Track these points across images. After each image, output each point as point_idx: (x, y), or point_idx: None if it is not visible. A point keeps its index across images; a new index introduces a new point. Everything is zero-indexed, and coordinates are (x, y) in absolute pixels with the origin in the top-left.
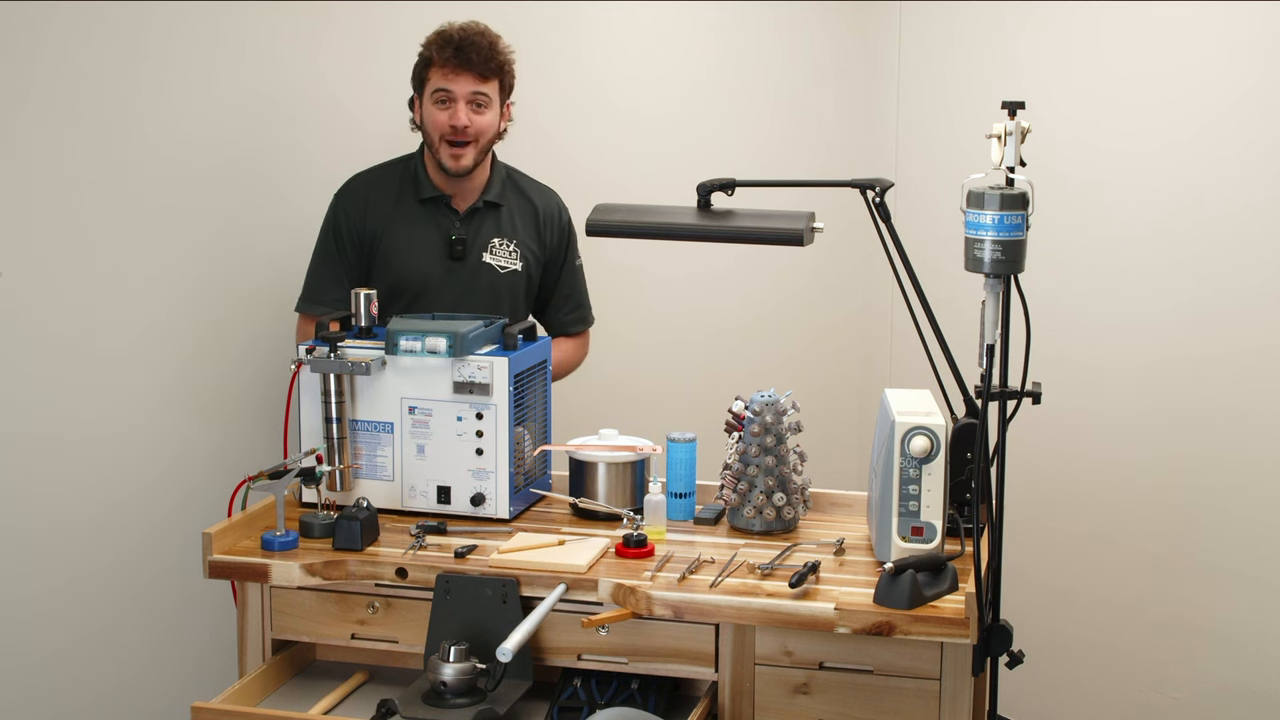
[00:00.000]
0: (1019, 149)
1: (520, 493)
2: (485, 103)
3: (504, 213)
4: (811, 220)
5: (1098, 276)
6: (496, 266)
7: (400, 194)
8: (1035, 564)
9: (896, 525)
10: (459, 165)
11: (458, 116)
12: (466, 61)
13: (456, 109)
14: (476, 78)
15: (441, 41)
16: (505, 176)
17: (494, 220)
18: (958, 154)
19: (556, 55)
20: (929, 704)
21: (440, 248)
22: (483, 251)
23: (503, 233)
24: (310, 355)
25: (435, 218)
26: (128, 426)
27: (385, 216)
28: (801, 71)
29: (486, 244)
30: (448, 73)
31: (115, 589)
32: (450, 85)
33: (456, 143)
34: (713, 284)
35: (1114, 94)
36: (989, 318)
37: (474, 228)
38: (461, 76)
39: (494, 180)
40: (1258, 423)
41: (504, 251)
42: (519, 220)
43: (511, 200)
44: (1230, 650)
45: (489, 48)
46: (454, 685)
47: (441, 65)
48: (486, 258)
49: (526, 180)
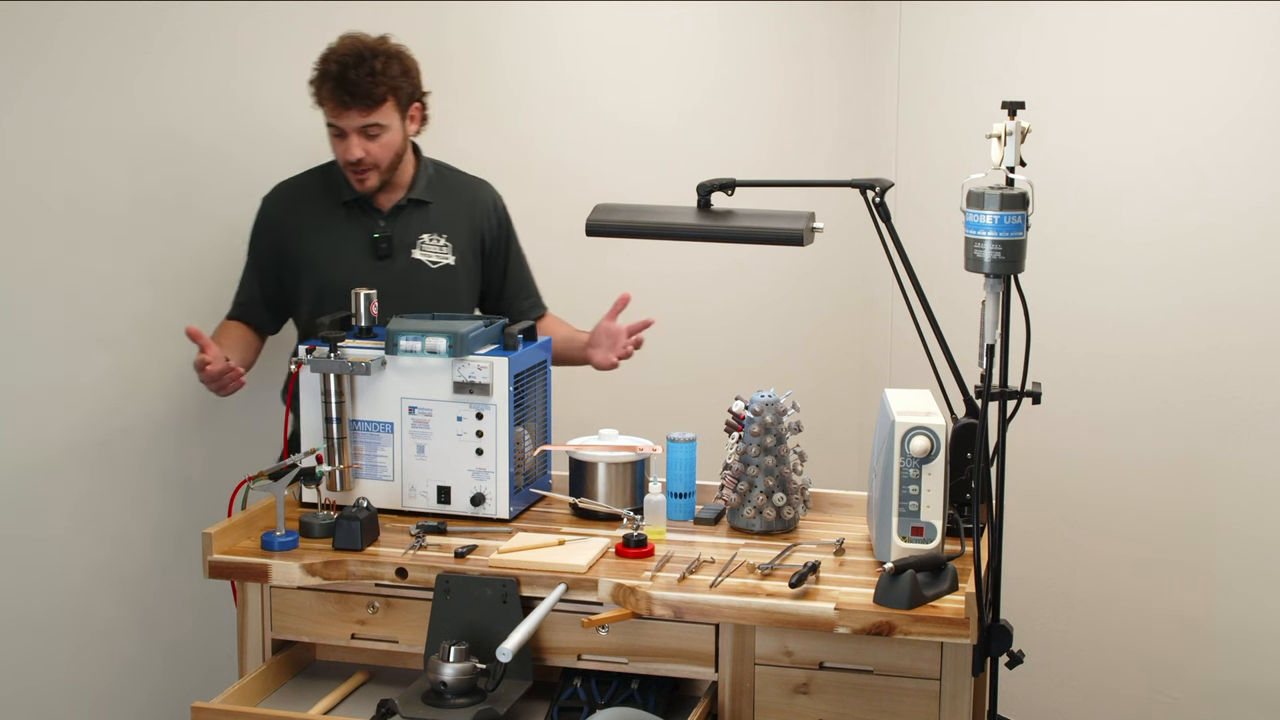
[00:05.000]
0: (1019, 149)
1: (520, 493)
2: (377, 131)
3: (432, 209)
4: (811, 220)
5: (1098, 276)
6: (427, 262)
7: (323, 198)
8: (1035, 564)
9: (896, 525)
10: (364, 188)
11: (350, 151)
12: (345, 102)
13: (349, 143)
14: (361, 112)
15: (323, 75)
16: (433, 173)
17: (421, 217)
18: (957, 154)
19: (557, 55)
20: (929, 704)
21: (365, 248)
22: (411, 249)
23: (431, 228)
24: (310, 355)
25: (359, 219)
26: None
27: (309, 221)
28: (801, 72)
29: (415, 241)
30: (332, 109)
31: (115, 588)
32: (339, 122)
33: (358, 171)
34: (713, 284)
35: (1114, 94)
36: (989, 318)
37: (400, 225)
38: (346, 113)
39: (420, 177)
40: (1258, 422)
41: (434, 247)
42: (450, 215)
43: (440, 196)
44: (1230, 650)
45: (367, 79)
46: (454, 685)
47: (325, 101)
48: (416, 254)
49: (456, 175)
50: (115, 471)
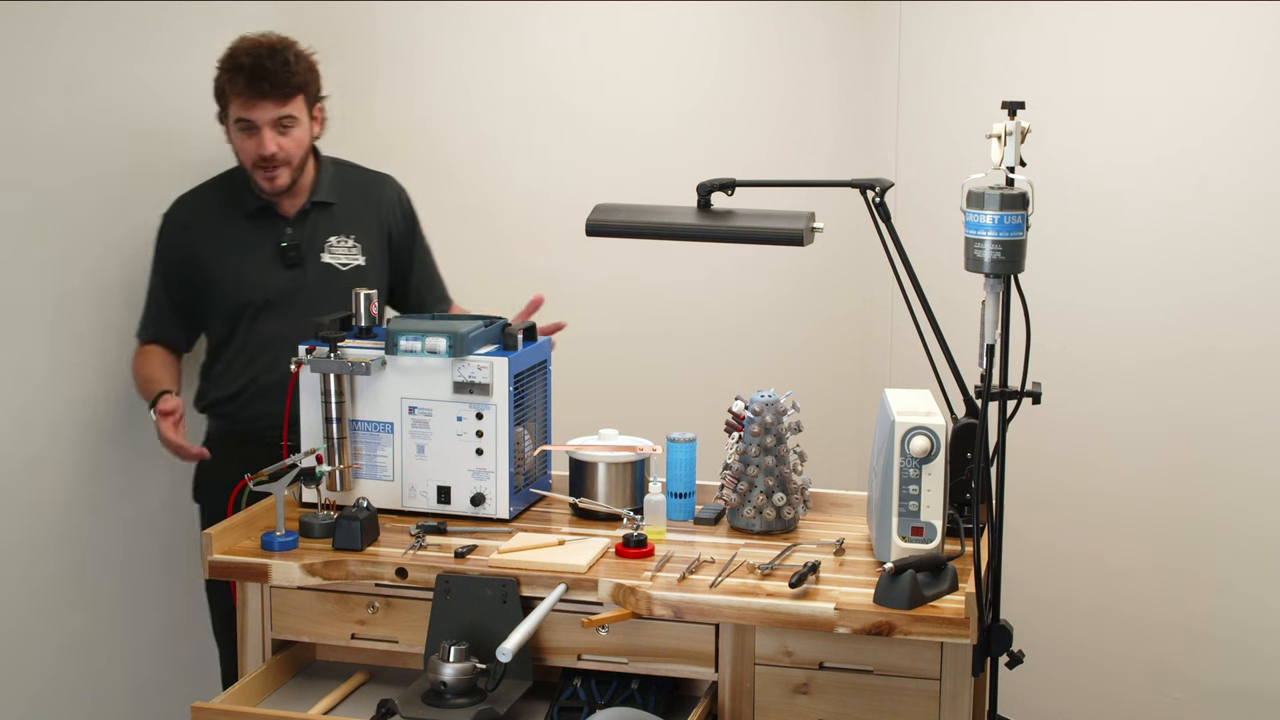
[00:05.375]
0: (1019, 149)
1: (520, 493)
2: (291, 123)
3: (337, 209)
4: (811, 220)
5: (1098, 276)
6: (337, 265)
7: (227, 210)
8: (1035, 564)
9: (896, 525)
10: (274, 187)
11: (264, 145)
12: (261, 91)
13: (262, 138)
14: (276, 103)
15: (233, 69)
16: (334, 172)
17: (327, 219)
18: (957, 154)
19: (557, 55)
20: (929, 704)
21: (273, 258)
22: (320, 253)
23: (338, 229)
24: (310, 355)
25: (265, 228)
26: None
27: (212, 236)
28: (802, 72)
29: (323, 244)
30: (246, 103)
31: (115, 588)
32: (250, 115)
33: (268, 168)
34: (713, 284)
35: (1114, 93)
36: (989, 318)
37: (307, 230)
38: (260, 104)
39: (322, 179)
40: (1258, 423)
41: (343, 248)
42: (355, 214)
43: (344, 195)
44: (1230, 651)
45: (283, 68)
46: (454, 685)
47: (238, 95)
48: (325, 258)
49: (358, 171)
50: (114, 471)
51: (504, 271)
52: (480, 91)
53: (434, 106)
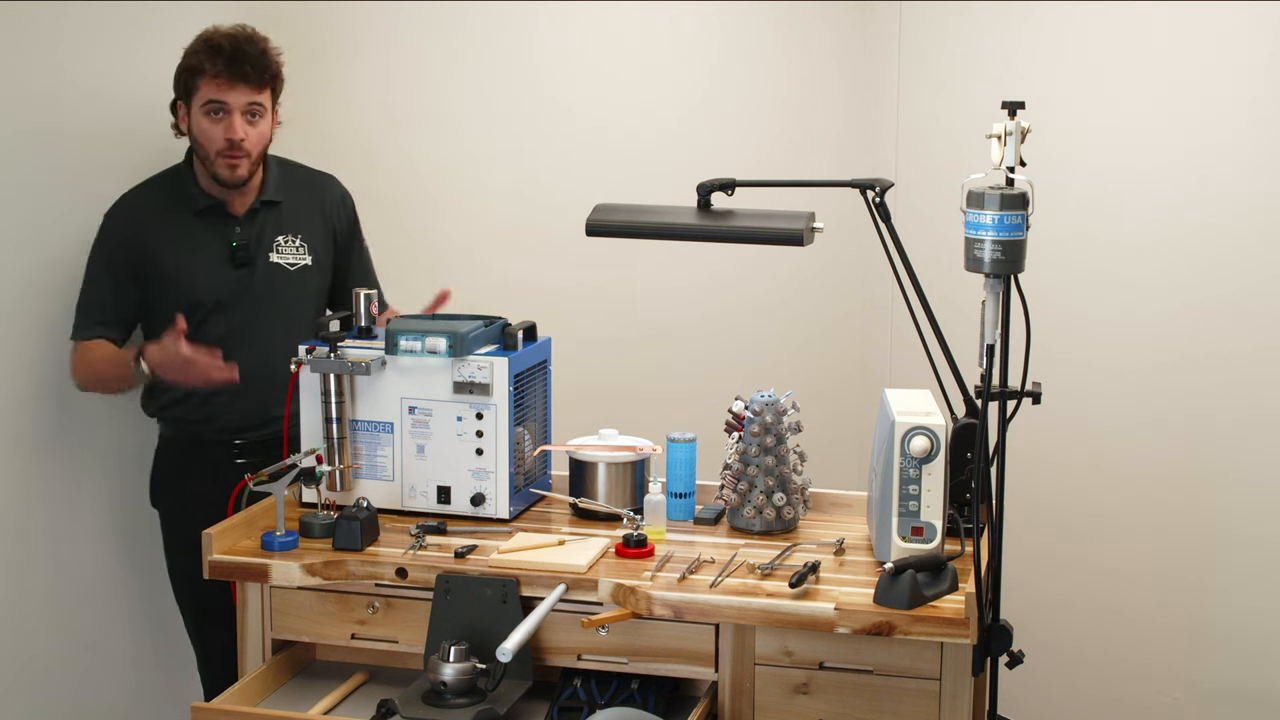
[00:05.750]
0: (1019, 149)
1: (520, 493)
2: (260, 112)
3: (284, 208)
4: (811, 220)
5: (1099, 277)
6: (285, 265)
7: (173, 208)
8: (1035, 565)
9: (896, 525)
10: (235, 175)
11: (234, 130)
12: (241, 74)
13: (232, 121)
14: (251, 88)
15: (211, 51)
16: (279, 172)
17: (275, 218)
18: (957, 154)
19: (557, 56)
20: (929, 704)
21: (223, 257)
22: (269, 252)
23: (285, 229)
24: (310, 355)
25: (213, 227)
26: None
27: (161, 235)
28: (802, 72)
29: (271, 244)
30: (221, 84)
31: (115, 588)
32: (224, 97)
33: (234, 155)
34: (713, 284)
35: (1115, 93)
36: (989, 318)
37: (255, 230)
38: (236, 88)
39: (269, 178)
40: (1257, 424)
41: (290, 248)
42: (302, 213)
43: (290, 194)
44: (1230, 652)
45: (261, 55)
46: (454, 685)
47: (214, 76)
48: (274, 258)
49: (302, 170)
50: (113, 471)
51: (504, 272)
52: (480, 92)
53: (434, 107)
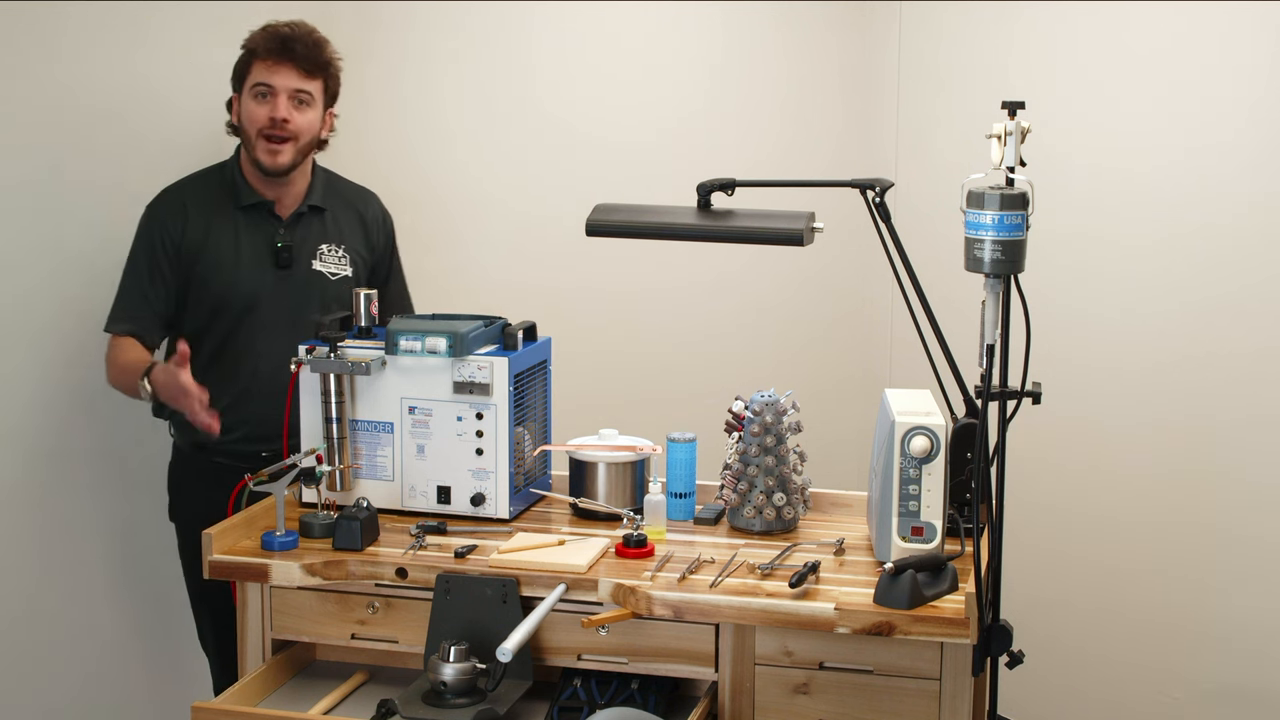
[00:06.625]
0: (1019, 149)
1: (520, 493)
2: (308, 100)
3: (329, 217)
4: (811, 220)
5: (1098, 277)
6: (327, 274)
7: (218, 203)
8: (1035, 565)
9: (896, 525)
10: (276, 161)
11: (277, 109)
12: (290, 54)
13: (277, 102)
14: (300, 73)
15: (266, 35)
16: (326, 180)
17: (320, 226)
18: (957, 154)
19: (556, 56)
20: (929, 704)
21: (266, 257)
22: (311, 259)
23: (330, 238)
24: (310, 355)
25: (258, 225)
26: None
27: (204, 229)
28: (802, 72)
29: (314, 251)
30: (270, 65)
31: (115, 588)
32: (271, 79)
33: (275, 138)
34: (713, 284)
35: (1115, 93)
36: (989, 318)
37: (300, 234)
38: (284, 69)
39: (315, 185)
40: (1257, 424)
41: (333, 258)
42: (345, 225)
43: (335, 204)
44: (1230, 652)
45: (315, 45)
46: (454, 685)
47: (264, 58)
48: (316, 265)
49: (346, 184)
50: (111, 468)
51: (504, 272)
52: (479, 92)
53: (433, 107)
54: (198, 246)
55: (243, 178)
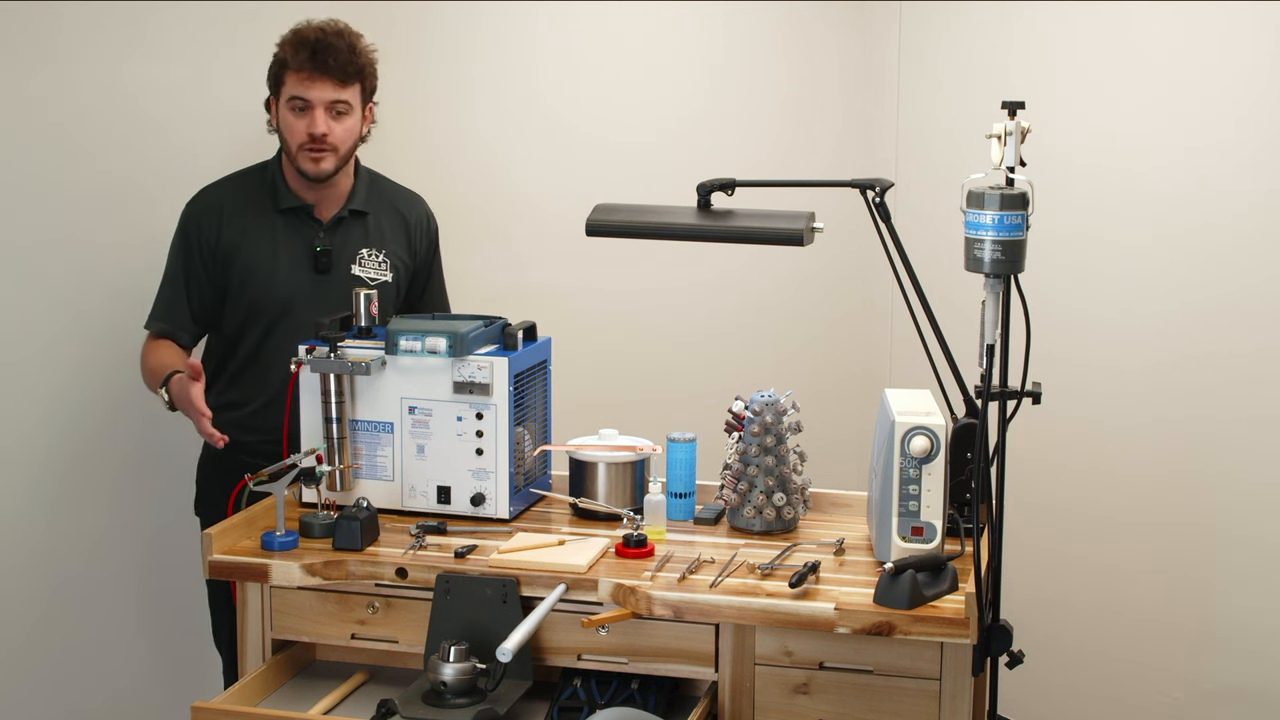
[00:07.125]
0: (1019, 149)
1: (520, 493)
2: (345, 110)
3: (370, 221)
4: (811, 220)
5: (1098, 277)
6: (366, 279)
7: (257, 205)
8: (1035, 565)
9: (896, 525)
10: (319, 169)
11: (315, 124)
12: (324, 67)
13: (314, 116)
14: (335, 84)
15: (297, 44)
16: (370, 183)
17: (361, 230)
18: (957, 154)
19: (557, 55)
20: (929, 704)
21: (304, 261)
22: (350, 264)
23: (371, 243)
24: (310, 355)
25: (297, 229)
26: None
27: (242, 230)
28: (801, 72)
29: (354, 255)
30: (304, 79)
31: (115, 588)
32: (307, 94)
33: (316, 150)
34: (713, 284)
35: (1115, 93)
36: (989, 318)
37: (340, 239)
38: (319, 83)
39: (358, 187)
40: (1257, 424)
41: (373, 263)
42: (387, 229)
43: (378, 208)
44: (1230, 652)
45: (348, 50)
46: (454, 685)
47: (297, 70)
48: (355, 270)
49: (392, 186)
50: (113, 471)
51: (504, 272)
52: (479, 92)
53: (432, 106)
54: (234, 248)
55: (283, 180)
